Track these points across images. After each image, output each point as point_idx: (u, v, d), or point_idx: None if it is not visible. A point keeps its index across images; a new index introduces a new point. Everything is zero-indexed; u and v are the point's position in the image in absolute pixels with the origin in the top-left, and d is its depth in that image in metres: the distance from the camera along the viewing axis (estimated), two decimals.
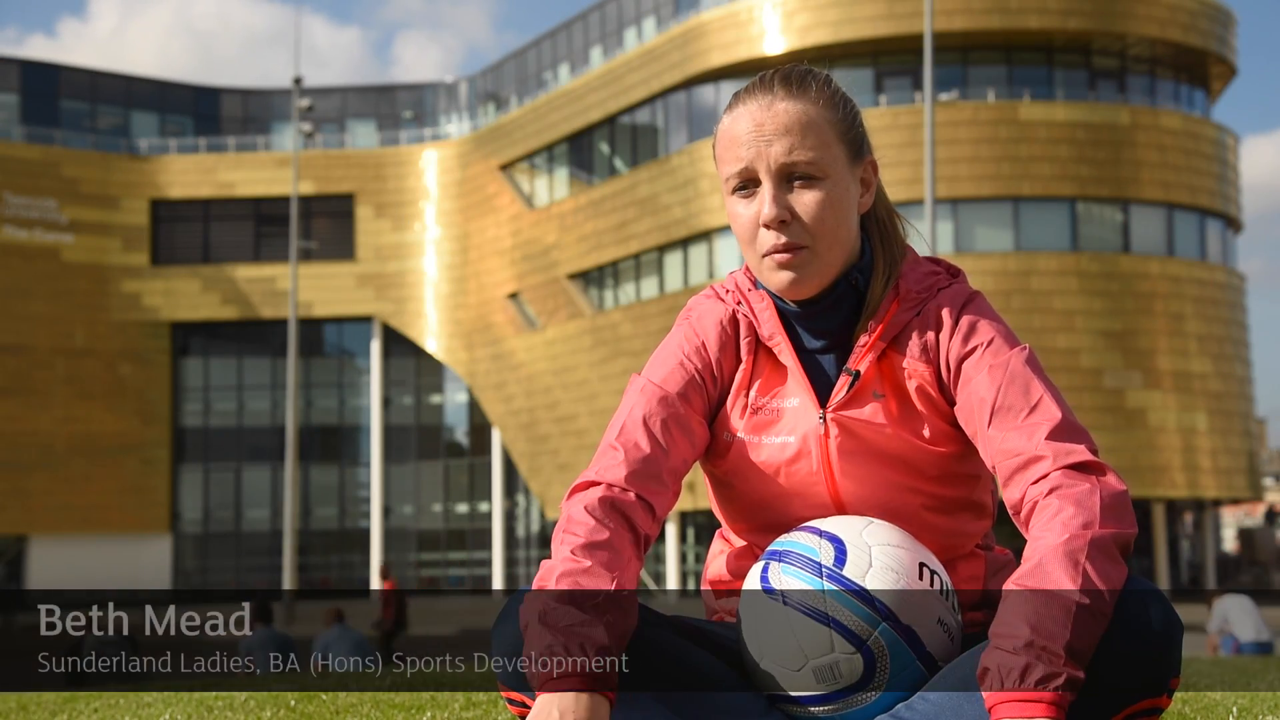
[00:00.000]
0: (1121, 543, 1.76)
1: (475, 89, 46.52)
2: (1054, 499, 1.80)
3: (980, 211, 32.71)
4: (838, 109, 2.00)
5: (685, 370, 2.03)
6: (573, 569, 1.80)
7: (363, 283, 45.09)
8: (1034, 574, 1.72)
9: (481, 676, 5.02)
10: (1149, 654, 1.72)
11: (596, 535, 1.84)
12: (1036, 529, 1.79)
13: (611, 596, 1.77)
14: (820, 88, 2.00)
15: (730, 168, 2.00)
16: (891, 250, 2.07)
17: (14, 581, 43.96)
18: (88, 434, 43.94)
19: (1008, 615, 1.70)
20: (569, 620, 1.74)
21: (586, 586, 1.77)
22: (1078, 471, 1.82)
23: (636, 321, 36.98)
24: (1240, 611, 12.86)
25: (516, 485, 43.36)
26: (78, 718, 3.93)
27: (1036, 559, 1.73)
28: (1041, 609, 1.68)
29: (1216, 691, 4.27)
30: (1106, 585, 1.71)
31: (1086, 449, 1.85)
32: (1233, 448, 33.81)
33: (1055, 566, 1.71)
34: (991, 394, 1.91)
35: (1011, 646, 1.67)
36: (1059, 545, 1.73)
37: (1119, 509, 1.79)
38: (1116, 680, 1.71)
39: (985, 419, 1.91)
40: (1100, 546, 1.73)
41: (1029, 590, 1.71)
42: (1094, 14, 33.30)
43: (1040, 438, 1.86)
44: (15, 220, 43.66)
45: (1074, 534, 1.74)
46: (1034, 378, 1.92)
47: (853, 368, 1.98)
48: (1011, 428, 1.88)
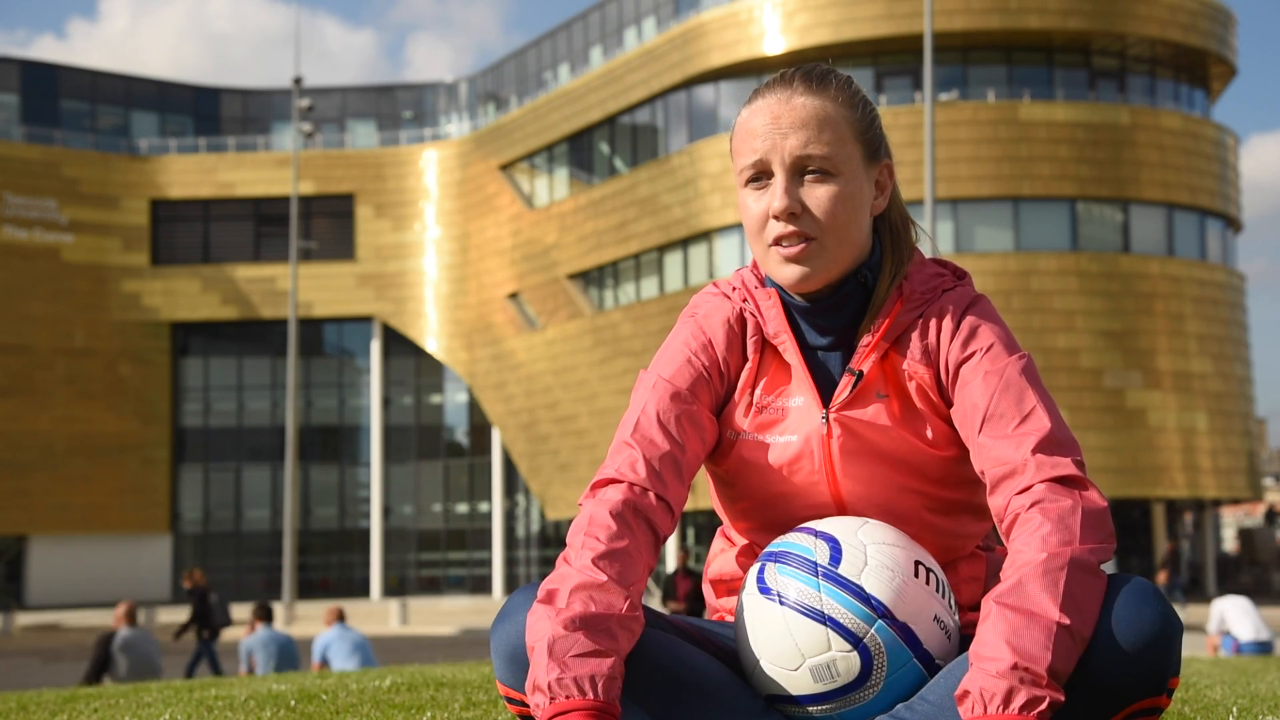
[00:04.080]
0: (1100, 559, 1.77)
1: (475, 89, 46.54)
2: (1035, 513, 1.80)
3: (980, 211, 32.72)
4: (856, 109, 2.01)
5: (693, 367, 2.03)
6: (588, 582, 1.79)
7: (363, 283, 45.10)
8: (1014, 593, 1.72)
9: (482, 676, 5.02)
10: (1148, 653, 1.72)
11: (616, 543, 1.84)
12: (1018, 543, 1.79)
13: (621, 620, 1.78)
14: (841, 87, 2.01)
15: (745, 159, 2.00)
16: (900, 252, 2.07)
17: (14, 581, 43.98)
18: (88, 434, 43.95)
19: (989, 636, 1.70)
20: (578, 650, 1.73)
21: (599, 609, 1.77)
22: (1061, 486, 1.83)
23: (636, 321, 36.99)
24: (1240, 612, 12.87)
25: (516, 485, 43.37)
26: (78, 718, 3.93)
27: (1017, 577, 1.73)
28: (1023, 630, 1.68)
29: (1216, 691, 4.27)
30: (1086, 606, 1.72)
31: (1072, 462, 1.85)
32: (1233, 448, 33.82)
33: (1035, 586, 1.71)
34: (985, 401, 1.92)
35: (995, 670, 1.66)
36: (1039, 564, 1.73)
37: (1099, 526, 1.79)
38: (1115, 679, 1.71)
39: (977, 425, 1.92)
40: (1080, 565, 1.73)
41: (1010, 610, 1.71)
42: (1094, 14, 33.30)
43: (1028, 448, 1.86)
44: (15, 220, 43.68)
45: (1054, 552, 1.74)
46: (1029, 387, 1.92)
47: (856, 368, 1.98)
48: (1001, 436, 1.89)
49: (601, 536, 1.85)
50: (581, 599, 1.77)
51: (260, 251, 45.86)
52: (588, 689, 1.71)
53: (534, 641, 1.76)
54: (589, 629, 1.75)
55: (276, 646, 11.90)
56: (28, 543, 43.86)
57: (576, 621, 1.75)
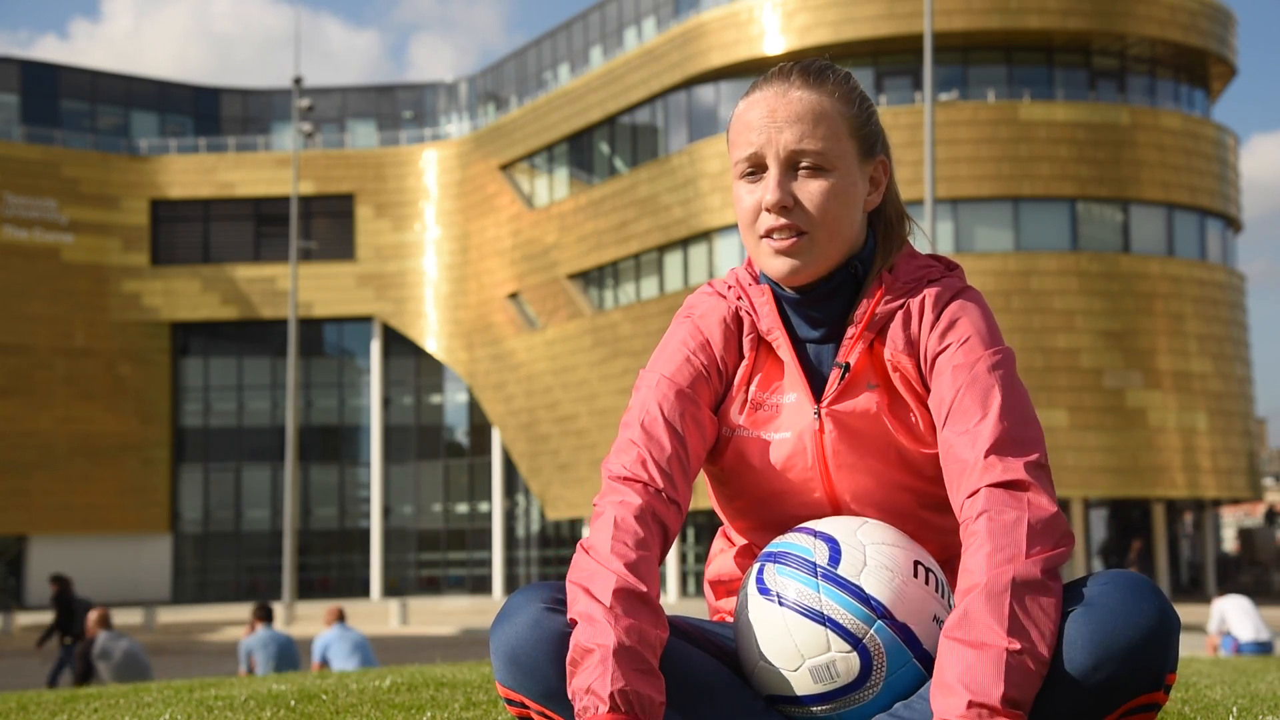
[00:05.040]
0: (1051, 567, 1.76)
1: (475, 89, 46.53)
2: (981, 525, 1.79)
3: (980, 211, 32.71)
4: (853, 105, 2.02)
5: (693, 366, 2.04)
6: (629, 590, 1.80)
7: (363, 283, 45.10)
8: (962, 625, 1.72)
9: (482, 676, 5.02)
10: (1145, 649, 1.72)
11: (643, 551, 1.86)
12: (965, 562, 1.79)
13: (661, 639, 1.80)
14: (838, 82, 2.02)
15: (740, 151, 2.01)
16: (891, 244, 2.08)
17: (14, 581, 43.98)
18: (88, 434, 43.95)
19: (943, 674, 1.70)
20: (641, 665, 1.75)
21: (647, 624, 1.78)
22: (1006, 492, 1.82)
23: (636, 321, 36.98)
24: (1240, 611, 12.87)
25: (516, 485, 43.37)
26: (78, 718, 3.93)
27: (963, 608, 1.73)
28: (974, 664, 1.68)
29: (1216, 691, 4.27)
30: (1039, 623, 1.71)
31: (1023, 465, 1.84)
32: (1233, 448, 33.81)
33: (981, 614, 1.71)
34: (950, 395, 1.92)
35: (952, 711, 1.67)
36: (981, 589, 1.73)
37: (1047, 532, 1.78)
38: (1113, 675, 1.71)
39: (942, 419, 1.92)
40: (1025, 584, 1.73)
41: (959, 644, 1.71)
42: (1094, 14, 33.30)
43: (981, 448, 1.85)
44: (15, 220, 43.67)
45: (995, 574, 1.74)
46: (996, 384, 1.91)
47: (843, 360, 1.99)
48: (960, 432, 1.88)
49: (630, 543, 1.86)
50: (625, 606, 1.78)
51: (260, 251, 45.86)
52: (645, 711, 1.73)
53: (593, 642, 1.75)
54: (645, 644, 1.77)
55: (276, 646, 11.88)
56: (28, 543, 43.86)
57: (635, 633, 1.76)
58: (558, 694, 1.81)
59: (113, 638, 11.64)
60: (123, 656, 11.44)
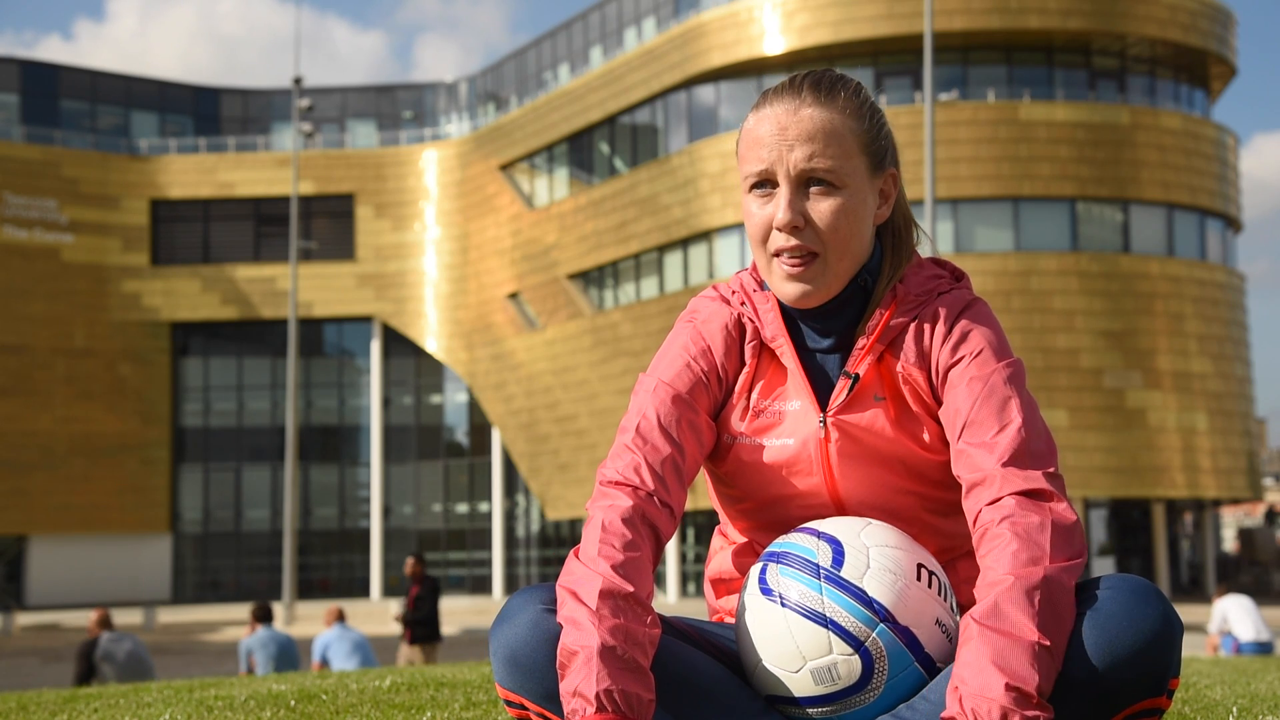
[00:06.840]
0: (1071, 575, 1.77)
1: (475, 89, 46.53)
2: (1005, 529, 1.80)
3: (980, 211, 32.71)
4: (864, 120, 2.00)
5: (692, 372, 2.04)
6: (615, 590, 1.79)
7: (363, 283, 45.10)
8: (993, 615, 1.72)
9: (482, 676, 5.02)
10: (1147, 654, 1.72)
11: (631, 552, 1.85)
12: (989, 559, 1.79)
13: (650, 636, 1.79)
14: (849, 97, 2.00)
15: (750, 167, 2.00)
16: (900, 255, 2.07)
17: (14, 581, 43.98)
18: (88, 434, 43.95)
19: (973, 658, 1.69)
20: (627, 665, 1.74)
21: (633, 623, 1.77)
22: (1029, 500, 1.82)
23: (636, 321, 36.98)
24: (1240, 611, 12.88)
25: (516, 485, 43.37)
26: (78, 718, 3.93)
27: (993, 600, 1.73)
28: (1007, 652, 1.68)
29: (1216, 691, 4.27)
30: (1062, 625, 1.72)
31: (1043, 475, 1.85)
32: (1233, 448, 33.82)
33: (1012, 607, 1.71)
34: (967, 407, 1.92)
35: (986, 692, 1.66)
36: (1012, 584, 1.73)
37: (1068, 542, 1.79)
38: (1115, 680, 1.71)
39: (958, 431, 1.93)
40: (1052, 584, 1.73)
41: (992, 631, 1.70)
42: (1094, 14, 33.30)
43: (1001, 459, 1.86)
44: (15, 220, 43.67)
45: (1026, 571, 1.74)
46: (1013, 396, 1.92)
47: (852, 370, 1.99)
48: (978, 444, 1.89)
49: (617, 544, 1.85)
50: (611, 607, 1.78)
51: (260, 251, 45.86)
52: (633, 709, 1.73)
53: (578, 645, 1.75)
54: (631, 643, 1.76)
55: (276, 646, 11.87)
56: (28, 543, 43.86)
57: (621, 633, 1.76)
58: (557, 695, 1.81)
59: (115, 638, 11.61)
60: (126, 657, 11.41)
